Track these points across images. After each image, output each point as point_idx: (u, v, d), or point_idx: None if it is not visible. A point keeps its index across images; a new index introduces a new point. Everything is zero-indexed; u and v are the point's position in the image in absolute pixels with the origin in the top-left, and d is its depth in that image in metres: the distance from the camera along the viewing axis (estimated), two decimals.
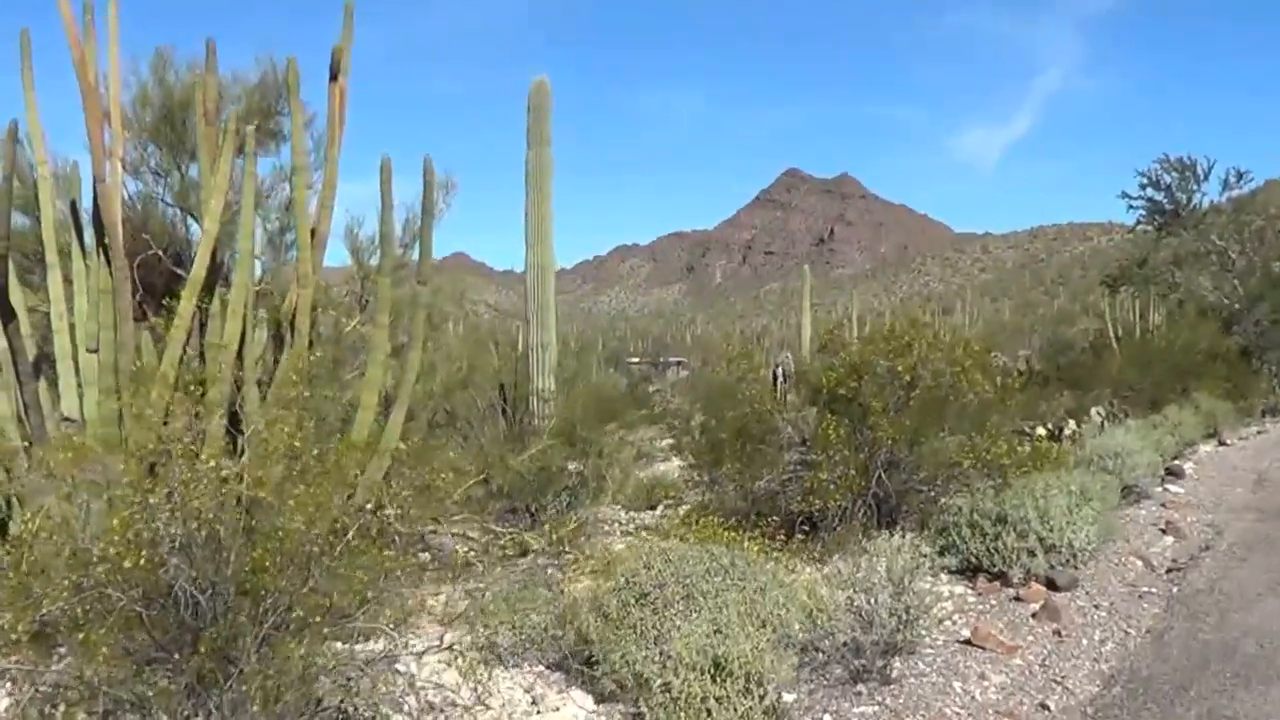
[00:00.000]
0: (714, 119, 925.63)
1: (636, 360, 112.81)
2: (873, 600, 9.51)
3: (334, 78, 13.41)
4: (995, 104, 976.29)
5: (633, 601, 9.23)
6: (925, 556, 10.86)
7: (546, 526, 16.60)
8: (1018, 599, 12.22)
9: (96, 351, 11.67)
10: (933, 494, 15.00)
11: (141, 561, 6.48)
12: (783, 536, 14.04)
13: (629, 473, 21.76)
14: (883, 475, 14.79)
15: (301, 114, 12.94)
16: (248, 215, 11.79)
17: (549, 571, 15.16)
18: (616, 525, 19.38)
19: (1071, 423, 25.95)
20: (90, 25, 11.95)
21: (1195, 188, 38.12)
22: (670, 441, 28.37)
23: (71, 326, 12.17)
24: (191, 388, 10.05)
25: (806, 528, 14.87)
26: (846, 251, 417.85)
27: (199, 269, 11.66)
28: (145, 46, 15.36)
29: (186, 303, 11.57)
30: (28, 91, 11.92)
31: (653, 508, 20.41)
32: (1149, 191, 38.40)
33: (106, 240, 11.75)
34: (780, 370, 35.49)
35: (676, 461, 24.13)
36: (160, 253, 13.56)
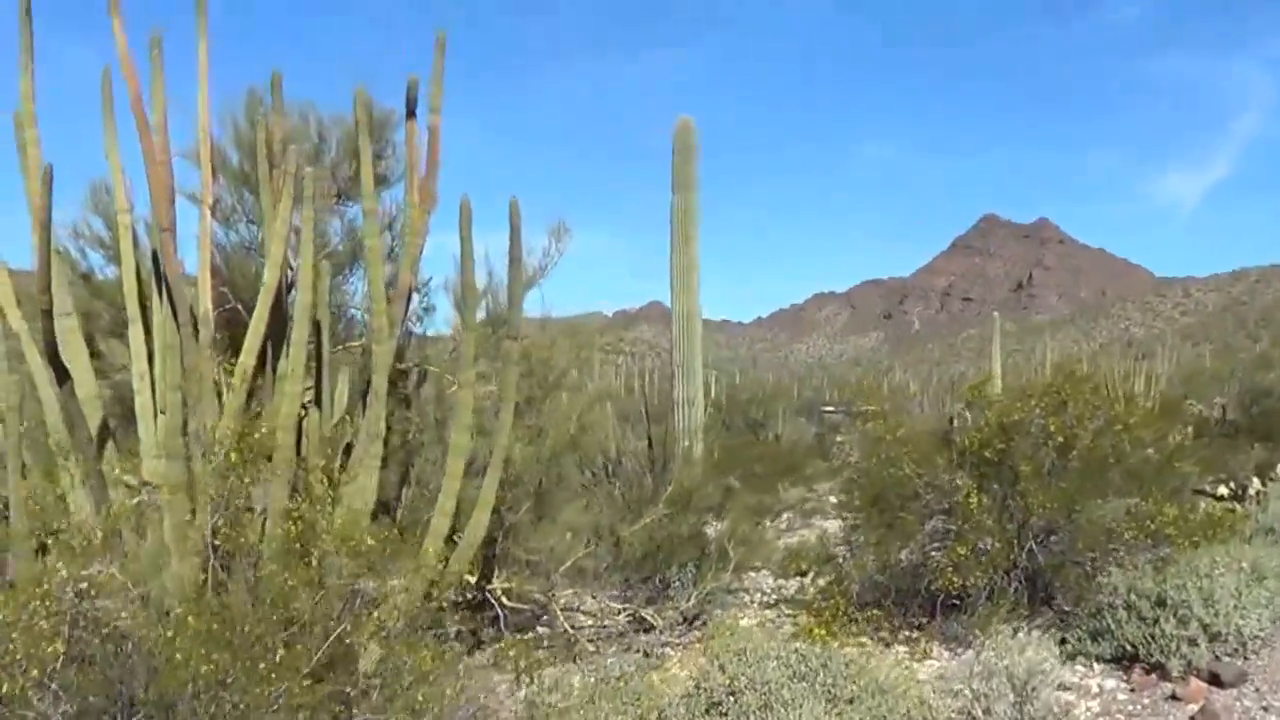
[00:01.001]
0: (909, 165, 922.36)
1: (832, 409, 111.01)
2: (988, 711, 8.01)
3: (410, 114, 12.37)
4: (1194, 146, 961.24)
5: (702, 713, 7.90)
6: (1068, 645, 9.42)
7: (671, 600, 15.39)
8: (1174, 697, 10.54)
9: (164, 413, 10.73)
10: (1090, 570, 13.33)
11: None
12: (924, 618, 12.72)
13: (761, 538, 20.29)
14: (1034, 548, 13.24)
15: (369, 153, 11.84)
16: (306, 266, 10.72)
17: (665, 651, 14.02)
18: (759, 595, 18.06)
19: (1256, 481, 23.75)
20: (158, 60, 11.08)
21: None
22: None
23: (153, 385, 11.25)
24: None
25: (952, 606, 13.40)
26: (1045, 296, 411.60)
27: (258, 324, 10.71)
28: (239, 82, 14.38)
29: (245, 360, 10.62)
30: (108, 135, 11.00)
31: (803, 574, 18.94)
32: None
33: (171, 293, 10.84)
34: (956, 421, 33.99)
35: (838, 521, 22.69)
36: (239, 305, 12.53)
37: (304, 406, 10.88)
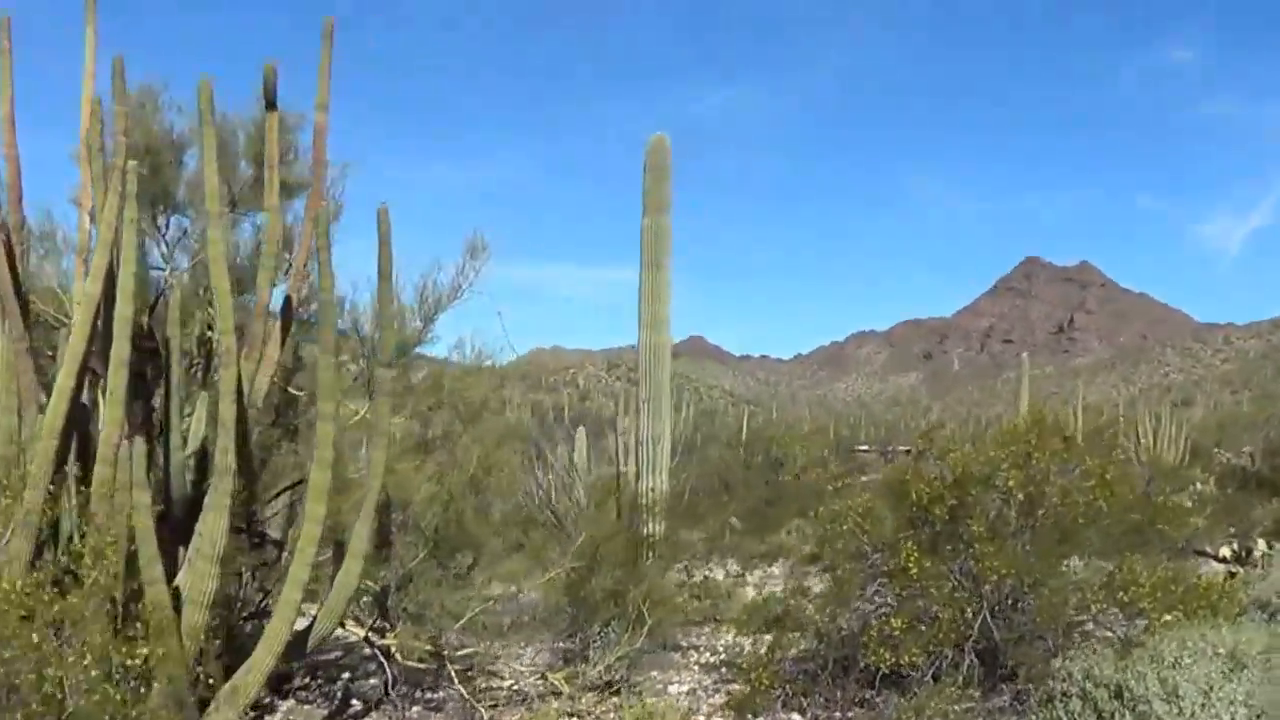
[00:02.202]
0: (952, 203, 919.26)
1: (865, 449, 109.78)
2: None
3: (270, 105, 10.87)
4: (1238, 192, 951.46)
5: None
6: None
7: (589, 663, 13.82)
8: None
9: None
10: (1053, 647, 11.56)
11: None
12: (866, 693, 11.19)
13: (707, 591, 18.73)
14: (989, 619, 11.54)
15: (213, 148, 10.31)
16: (126, 274, 9.21)
17: None
18: (708, 654, 16.47)
19: (1262, 543, 21.82)
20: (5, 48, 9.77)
21: None
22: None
23: None
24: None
25: (895, 682, 11.72)
26: (1086, 340, 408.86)
27: (77, 342, 9.24)
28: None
29: (63, 382, 9.19)
30: None
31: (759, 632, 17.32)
32: None
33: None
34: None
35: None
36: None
37: (130, 436, 9.34)
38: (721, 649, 16.83)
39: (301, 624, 10.46)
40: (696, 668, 15.73)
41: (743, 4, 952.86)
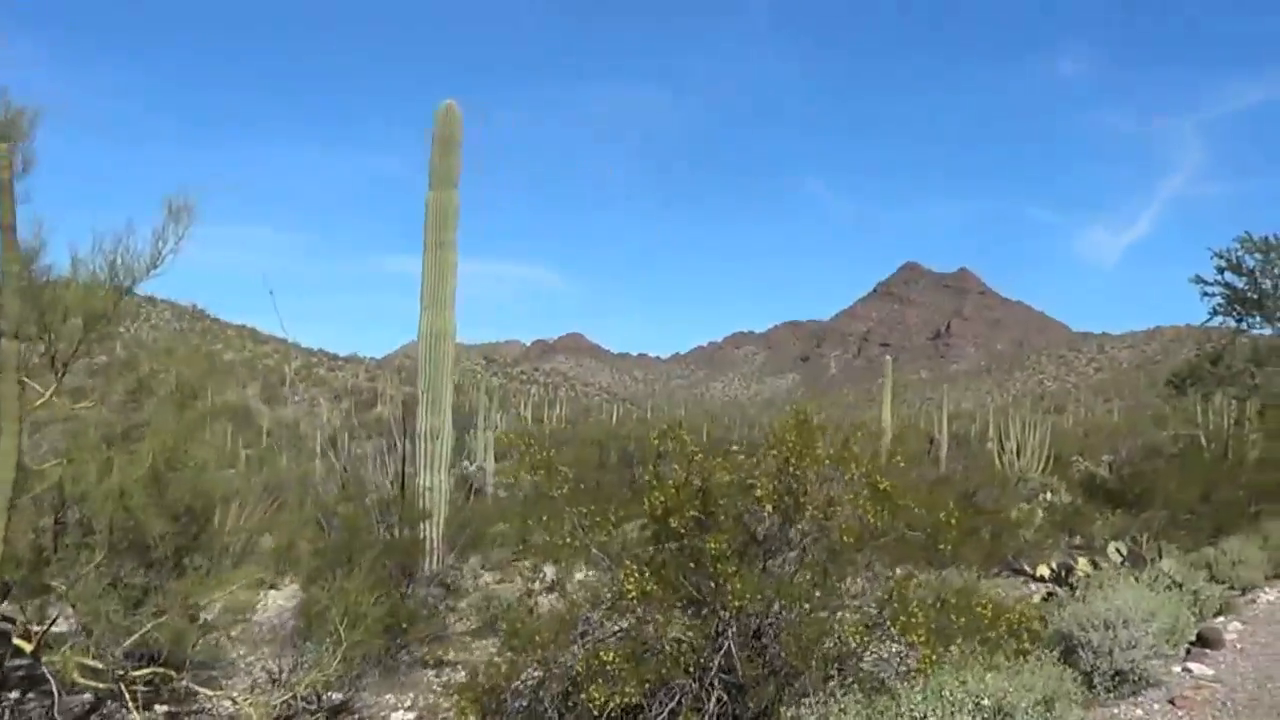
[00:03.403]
0: (833, 205, 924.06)
1: (736, 449, 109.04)
2: None
3: None
4: (1120, 205, 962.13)
5: None
6: None
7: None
8: None
9: None
10: (808, 686, 9.78)
11: None
12: None
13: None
14: (734, 653, 9.79)
15: None
16: None
17: None
18: (462, 673, 14.66)
19: (1083, 561, 20.18)
20: None
21: None
22: None
23: None
24: None
25: None
26: (962, 347, 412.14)
27: None
28: None
29: None
30: None
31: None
32: (1227, 276, 31.89)
33: None
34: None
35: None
36: None
37: None
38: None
39: None
40: (439, 688, 14.05)
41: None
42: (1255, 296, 31.14)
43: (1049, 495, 37.91)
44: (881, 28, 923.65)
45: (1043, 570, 20.01)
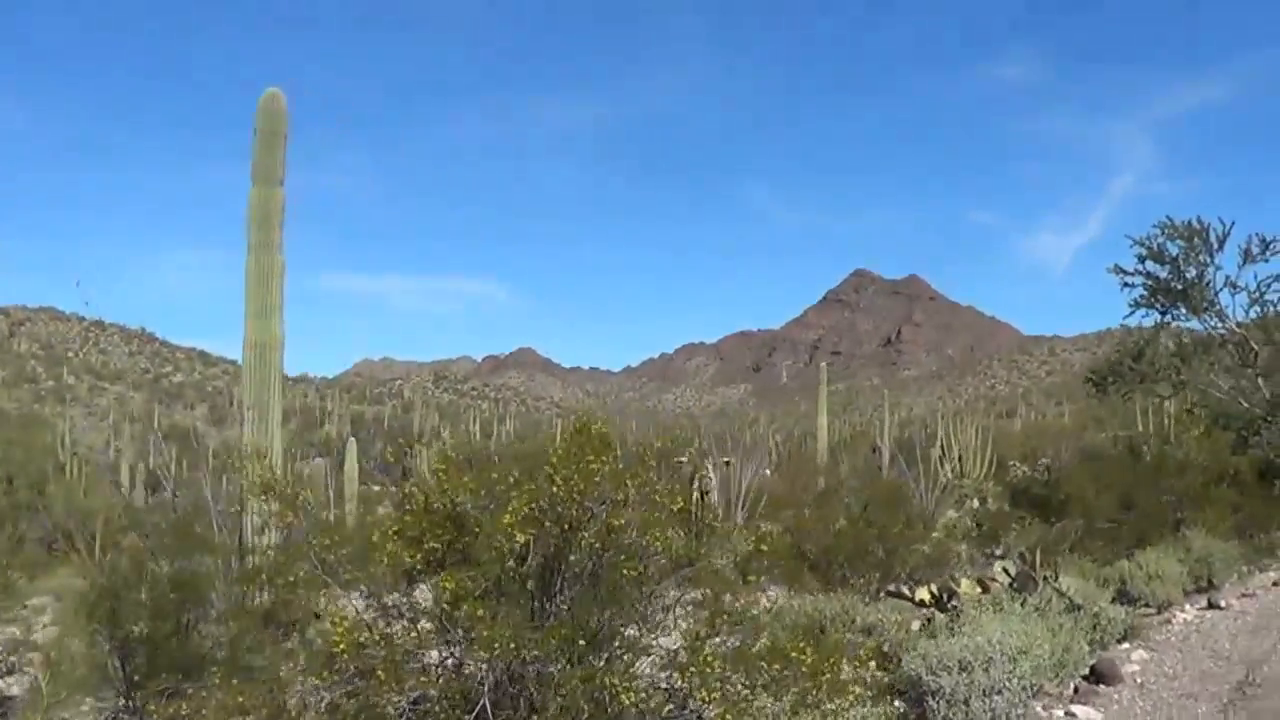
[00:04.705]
0: (781, 212, 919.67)
1: (684, 461, 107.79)
2: None
3: None
4: (1068, 207, 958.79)
5: None
6: None
7: None
8: None
9: None
10: None
11: None
12: None
13: None
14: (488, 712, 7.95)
15: None
16: None
17: None
18: None
19: (966, 583, 18.00)
20: None
21: (1208, 260, 28.65)
22: None
23: None
24: None
25: None
26: (913, 352, 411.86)
27: None
28: None
29: None
30: None
31: None
32: (1149, 265, 29.70)
33: None
34: (700, 482, 28.61)
35: None
36: None
37: None
38: None
39: None
40: None
41: (582, 6, 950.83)
42: (1180, 287, 28.94)
43: (976, 502, 36.06)
44: (817, 38, 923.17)
45: (923, 594, 17.85)
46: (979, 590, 17.06)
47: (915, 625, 15.43)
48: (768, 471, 47.25)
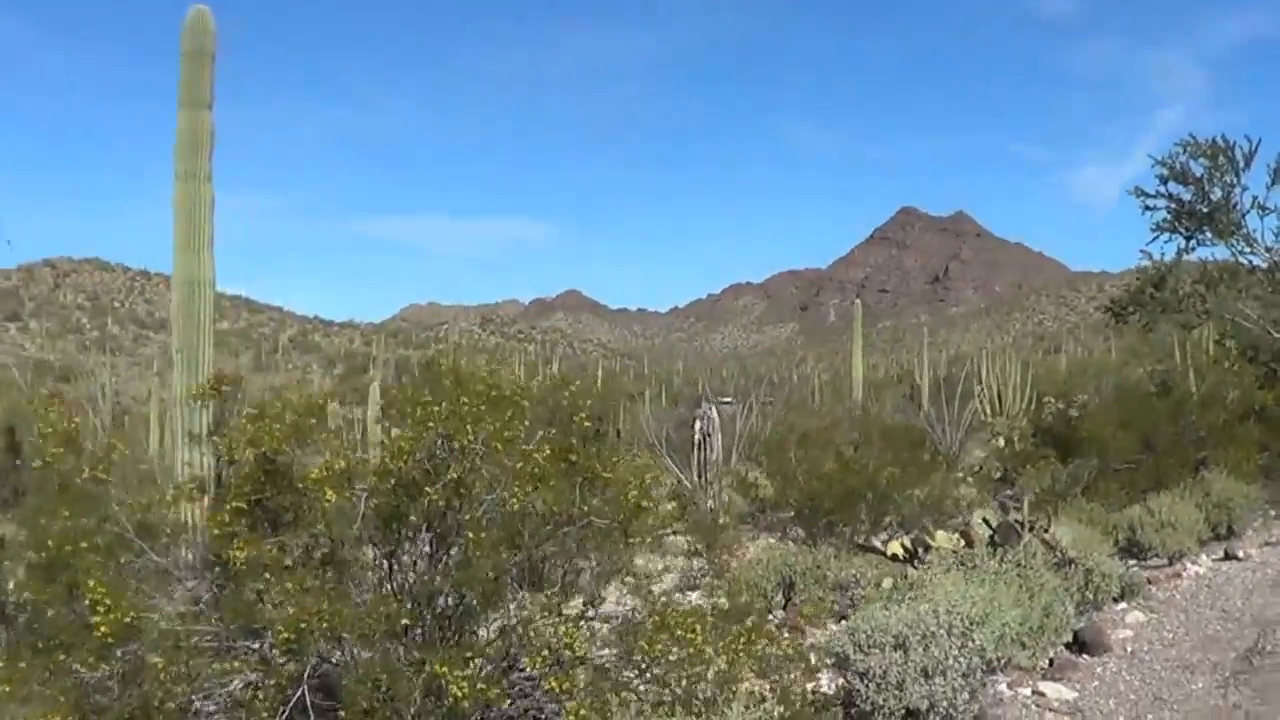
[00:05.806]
0: (827, 150, 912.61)
1: (728, 400, 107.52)
2: None
3: None
4: (1115, 139, 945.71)
5: None
6: None
7: None
8: None
9: None
10: None
11: None
12: None
13: None
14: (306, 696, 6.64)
15: None
16: None
17: None
18: None
19: (942, 535, 16.24)
20: None
21: (1235, 180, 26.66)
22: None
23: None
24: None
25: None
26: (960, 289, 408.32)
27: None
28: None
29: None
30: None
31: None
32: (1170, 186, 27.65)
33: None
34: (702, 424, 27.00)
35: None
36: None
37: None
38: None
39: None
40: None
41: None
42: (1205, 209, 27.05)
43: (1001, 442, 34.37)
44: None
45: (894, 547, 16.15)
46: (960, 542, 15.37)
47: (888, 583, 13.74)
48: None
